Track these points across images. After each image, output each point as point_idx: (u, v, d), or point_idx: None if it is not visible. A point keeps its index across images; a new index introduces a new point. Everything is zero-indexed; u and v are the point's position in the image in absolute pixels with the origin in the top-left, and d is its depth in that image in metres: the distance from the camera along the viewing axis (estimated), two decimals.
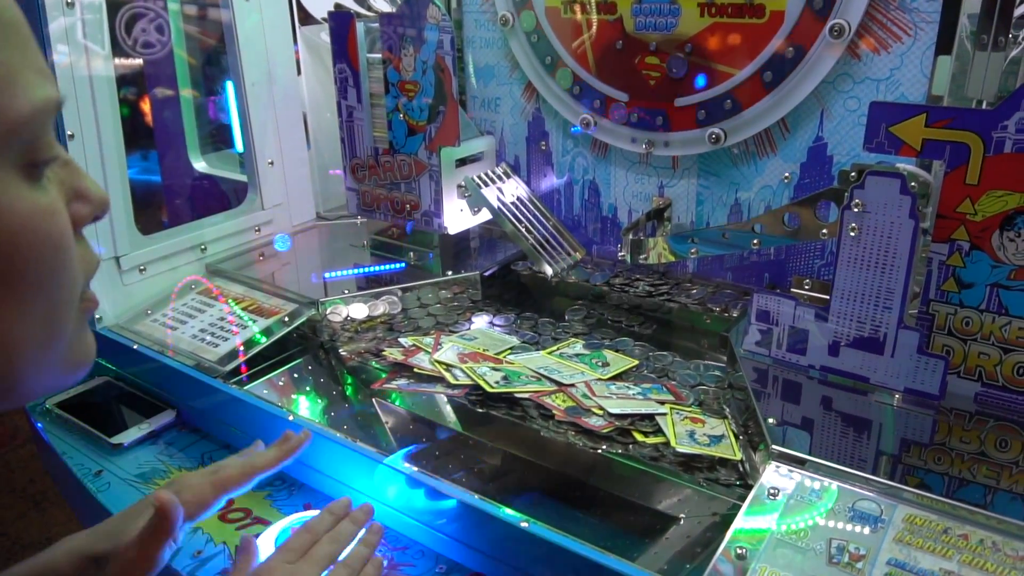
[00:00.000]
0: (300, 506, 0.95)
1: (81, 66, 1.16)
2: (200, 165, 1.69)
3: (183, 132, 1.67)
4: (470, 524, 0.84)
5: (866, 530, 0.74)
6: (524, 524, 0.79)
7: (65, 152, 0.48)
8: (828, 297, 0.95)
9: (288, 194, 1.50)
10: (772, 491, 0.79)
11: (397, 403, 1.08)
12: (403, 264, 1.37)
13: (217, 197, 1.70)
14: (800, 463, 0.82)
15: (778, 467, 0.82)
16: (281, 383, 1.14)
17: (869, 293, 0.91)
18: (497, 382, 1.01)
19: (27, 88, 0.43)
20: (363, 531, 0.83)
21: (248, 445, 0.91)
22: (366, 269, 1.36)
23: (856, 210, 0.88)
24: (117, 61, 1.30)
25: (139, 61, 1.55)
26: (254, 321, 1.22)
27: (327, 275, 1.34)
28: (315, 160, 1.57)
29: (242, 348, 1.15)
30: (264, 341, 1.16)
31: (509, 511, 0.81)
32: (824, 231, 0.96)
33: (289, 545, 0.77)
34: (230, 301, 1.28)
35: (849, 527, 0.75)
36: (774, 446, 0.84)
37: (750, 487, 0.85)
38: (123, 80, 1.50)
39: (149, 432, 1.08)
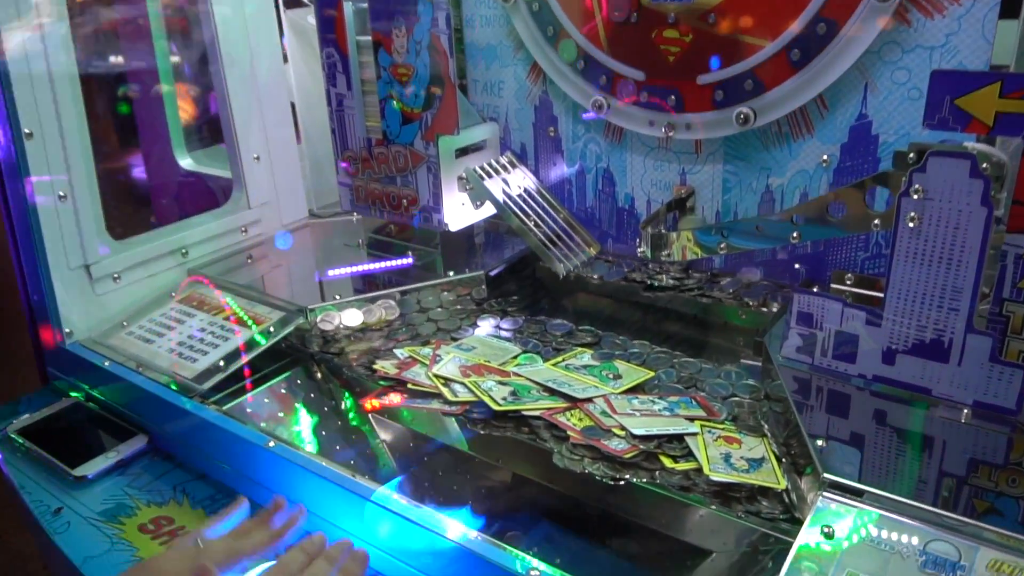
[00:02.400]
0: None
1: (38, 60, 1.05)
2: (186, 162, 1.58)
3: (166, 128, 1.56)
4: (470, 570, 0.72)
5: None
6: (535, 573, 0.68)
7: None
8: (880, 295, 0.83)
9: (277, 191, 1.39)
10: (827, 530, 0.67)
11: (392, 422, 0.97)
12: (407, 260, 1.25)
13: (205, 196, 1.59)
14: (857, 494, 0.70)
15: (831, 499, 0.70)
16: (266, 401, 1.03)
17: (931, 292, 0.78)
18: (505, 398, 0.90)
19: None
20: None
21: (225, 473, 0.80)
22: (361, 268, 1.25)
23: (916, 197, 0.76)
24: (85, 54, 1.19)
25: (113, 54, 1.44)
26: (237, 332, 1.11)
27: (320, 278, 1.23)
28: (306, 154, 1.46)
29: (222, 363, 1.04)
30: (246, 355, 1.05)
31: (517, 554, 0.70)
32: (876, 222, 0.83)
33: None
34: (212, 310, 1.17)
35: None
36: (826, 474, 0.72)
37: (797, 521, 0.73)
38: (94, 75, 1.40)
39: (117, 461, 0.97)
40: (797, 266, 1.10)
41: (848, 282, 1.04)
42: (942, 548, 0.65)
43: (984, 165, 0.72)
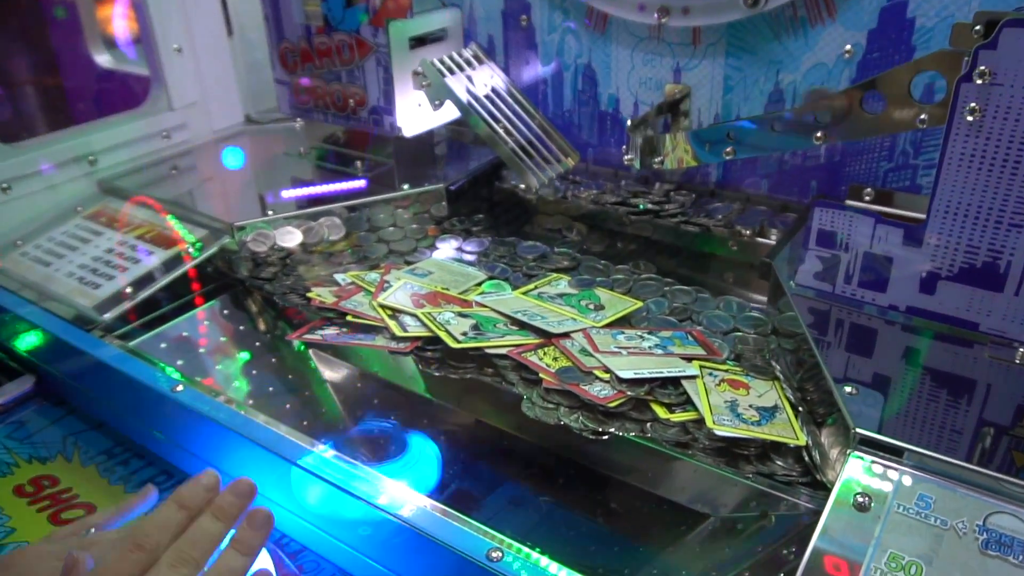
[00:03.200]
0: None
1: None
2: (103, 59, 1.37)
3: (79, 21, 1.34)
4: (418, 549, 0.58)
5: (1011, 563, 0.49)
6: (496, 555, 0.54)
7: None
8: (909, 214, 0.68)
9: (205, 91, 1.19)
10: (861, 499, 0.54)
11: (331, 361, 0.81)
12: (360, 181, 1.07)
13: (128, 100, 1.39)
14: (896, 454, 0.56)
15: (865, 460, 0.56)
16: (182, 336, 0.87)
17: (988, 205, 0.63)
18: (465, 333, 0.74)
19: None
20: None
21: (125, 423, 0.64)
22: (303, 182, 1.07)
23: (980, 82, 0.60)
24: None
25: None
26: (151, 253, 0.94)
27: (258, 194, 1.06)
28: (240, 49, 1.26)
29: (130, 289, 0.87)
30: (160, 281, 0.88)
31: (477, 528, 0.56)
32: (923, 117, 0.67)
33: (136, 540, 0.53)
34: (124, 228, 0.99)
35: (984, 559, 0.50)
36: (858, 428, 0.58)
37: (820, 486, 0.60)
38: None
39: None
40: (813, 183, 0.94)
41: (867, 198, 0.89)
42: (1007, 523, 0.51)
43: None
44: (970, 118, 0.61)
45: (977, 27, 0.60)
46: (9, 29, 1.33)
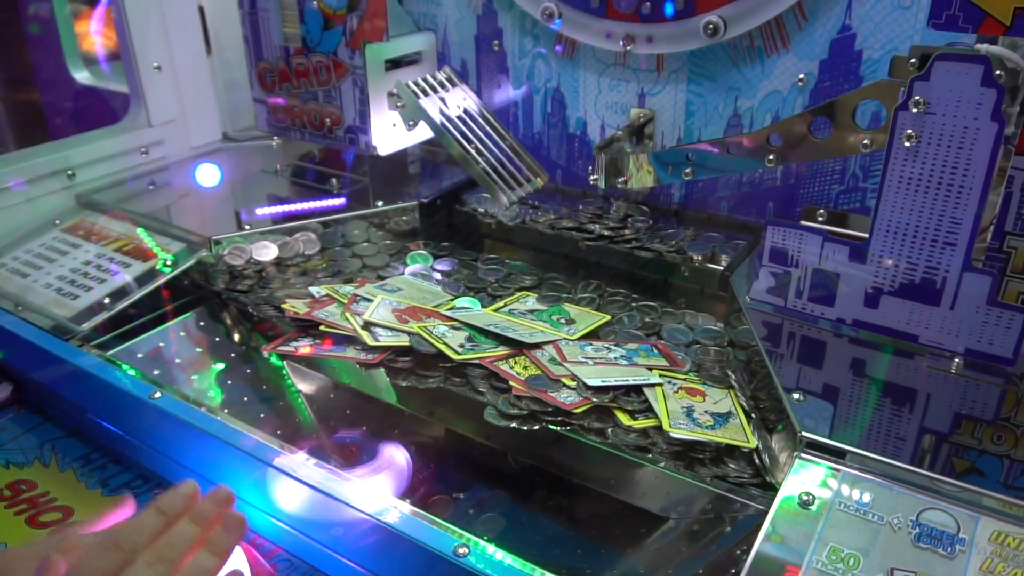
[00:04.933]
0: None
1: None
2: (82, 76, 1.39)
3: (57, 37, 1.36)
4: (389, 547, 0.61)
5: (940, 555, 0.53)
6: (463, 550, 0.57)
7: None
8: (856, 234, 0.73)
9: (183, 108, 1.22)
10: (805, 498, 0.58)
11: (305, 371, 0.84)
12: (337, 199, 1.10)
13: (107, 116, 1.41)
14: (839, 456, 0.60)
15: (809, 461, 0.60)
16: (159, 346, 0.89)
17: (925, 224, 0.68)
18: (462, 346, 0.77)
19: None
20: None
21: (102, 430, 0.65)
22: (280, 198, 1.10)
23: (915, 111, 0.65)
24: None
25: None
26: (129, 266, 0.96)
27: (235, 209, 1.08)
28: (218, 67, 1.28)
29: (108, 301, 0.89)
30: (138, 293, 0.90)
31: (445, 527, 0.59)
32: (866, 141, 0.72)
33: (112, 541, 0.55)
34: (102, 241, 1.01)
35: (916, 552, 0.53)
36: (804, 432, 0.62)
37: (769, 487, 0.63)
38: None
39: None
40: (770, 204, 0.99)
41: (820, 218, 0.94)
42: (938, 518, 0.55)
43: (999, 72, 0.61)
44: (907, 144, 0.66)
45: (912, 60, 0.65)
46: None
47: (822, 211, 0.94)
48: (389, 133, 1.09)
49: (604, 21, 0.98)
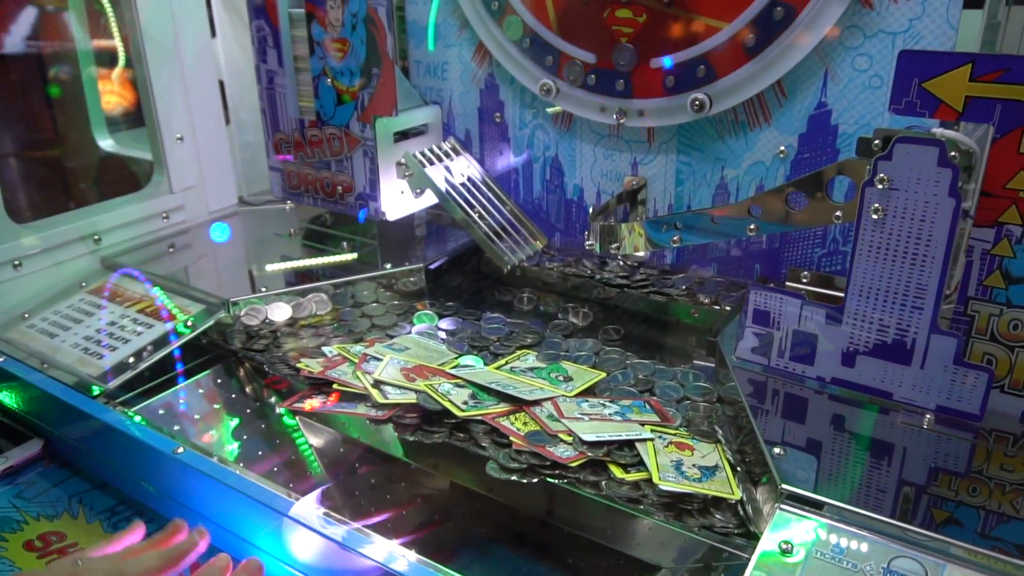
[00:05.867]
0: None
1: None
2: (107, 143, 1.47)
3: (84, 106, 1.44)
4: None
5: None
6: None
7: None
8: (837, 294, 0.78)
9: (203, 175, 1.29)
10: (784, 546, 0.62)
11: (317, 427, 0.89)
12: (347, 255, 1.16)
13: (128, 181, 1.48)
14: (817, 507, 0.65)
15: (789, 511, 0.65)
16: (180, 402, 0.94)
17: (894, 290, 0.73)
18: (466, 403, 0.82)
19: None
20: None
21: (128, 483, 0.71)
22: (294, 260, 1.16)
23: (880, 187, 0.71)
24: None
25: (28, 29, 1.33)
26: (151, 326, 1.01)
27: (249, 270, 1.14)
28: (236, 136, 1.36)
29: (132, 360, 0.95)
30: (160, 352, 0.96)
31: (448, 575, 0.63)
32: (838, 214, 0.78)
33: None
34: (126, 303, 1.07)
35: None
36: (784, 484, 0.66)
37: (752, 535, 0.68)
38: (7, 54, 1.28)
39: (5, 468, 0.87)
40: (757, 267, 1.05)
41: (804, 280, 1.00)
42: (907, 565, 0.60)
43: (953, 153, 0.67)
44: (875, 216, 0.72)
45: (876, 141, 0.72)
46: (22, 116, 1.43)
47: (806, 273, 1.00)
48: (397, 199, 1.16)
49: (599, 96, 1.05)
